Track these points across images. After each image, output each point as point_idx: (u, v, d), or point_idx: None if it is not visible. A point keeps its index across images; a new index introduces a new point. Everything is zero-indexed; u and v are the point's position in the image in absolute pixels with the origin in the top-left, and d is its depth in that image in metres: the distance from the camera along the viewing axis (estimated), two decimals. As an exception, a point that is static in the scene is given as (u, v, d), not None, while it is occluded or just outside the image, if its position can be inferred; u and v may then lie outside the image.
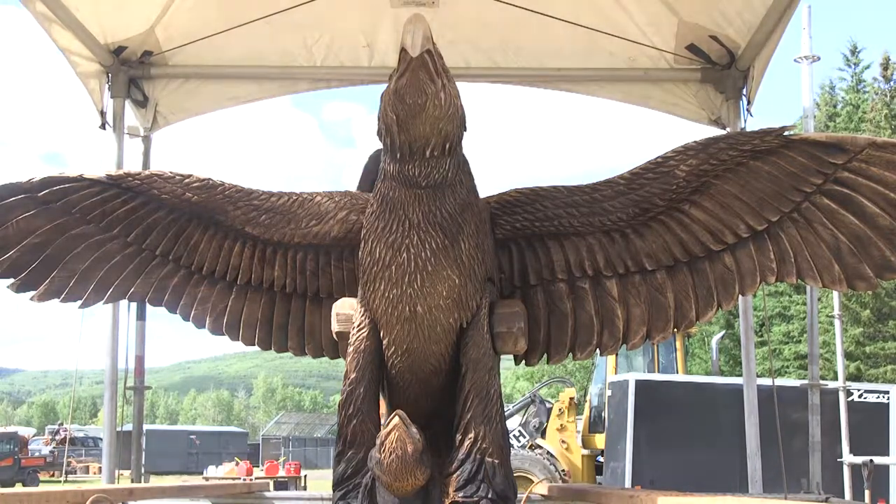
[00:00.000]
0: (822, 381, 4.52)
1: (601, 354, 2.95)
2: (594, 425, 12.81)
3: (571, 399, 13.24)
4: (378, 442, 2.48)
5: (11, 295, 2.93)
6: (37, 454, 30.97)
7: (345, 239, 2.85)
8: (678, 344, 13.06)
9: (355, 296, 2.77)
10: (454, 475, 2.58)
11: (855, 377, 24.55)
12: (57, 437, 32.48)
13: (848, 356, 24.67)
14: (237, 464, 18.13)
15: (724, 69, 4.56)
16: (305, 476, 19.56)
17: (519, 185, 2.88)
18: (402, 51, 2.28)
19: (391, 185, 2.52)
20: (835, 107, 35.55)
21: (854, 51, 35.89)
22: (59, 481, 19.47)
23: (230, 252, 2.99)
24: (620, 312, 2.75)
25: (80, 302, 2.99)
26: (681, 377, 12.32)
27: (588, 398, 13.84)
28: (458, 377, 2.65)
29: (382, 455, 2.44)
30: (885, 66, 31.98)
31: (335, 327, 2.80)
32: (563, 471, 12.03)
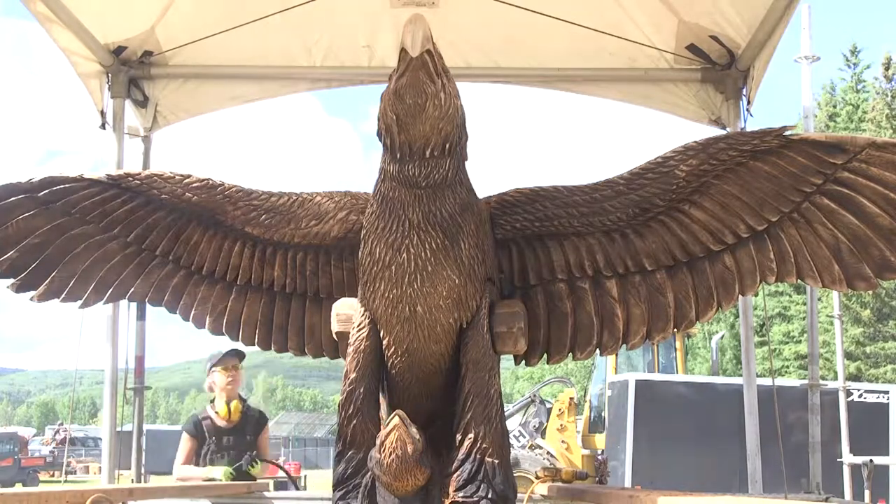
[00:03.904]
0: (822, 381, 4.52)
1: (601, 354, 2.95)
2: (594, 425, 12.83)
3: (571, 399, 13.25)
4: (378, 442, 2.48)
5: (12, 295, 2.93)
6: (37, 454, 30.96)
7: (345, 239, 2.86)
8: (678, 344, 13.08)
9: (355, 296, 2.77)
10: (454, 475, 2.58)
11: (855, 377, 24.58)
12: (57, 437, 32.49)
13: (848, 356, 24.69)
14: (237, 464, 18.03)
15: (724, 69, 4.56)
16: (305, 476, 19.53)
17: (519, 185, 2.87)
18: (402, 51, 2.28)
19: (391, 185, 2.52)
20: (835, 107, 35.57)
21: (854, 51, 35.93)
22: (59, 481, 19.46)
23: (230, 252, 2.99)
24: (620, 312, 2.75)
25: (80, 302, 2.99)
26: (681, 377, 12.33)
27: (588, 398, 13.85)
28: (458, 377, 2.65)
29: (382, 455, 2.44)
30: (887, 65, 32.00)
31: (335, 327, 2.80)
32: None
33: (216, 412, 5.01)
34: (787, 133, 2.51)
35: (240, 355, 5.05)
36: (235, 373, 5.01)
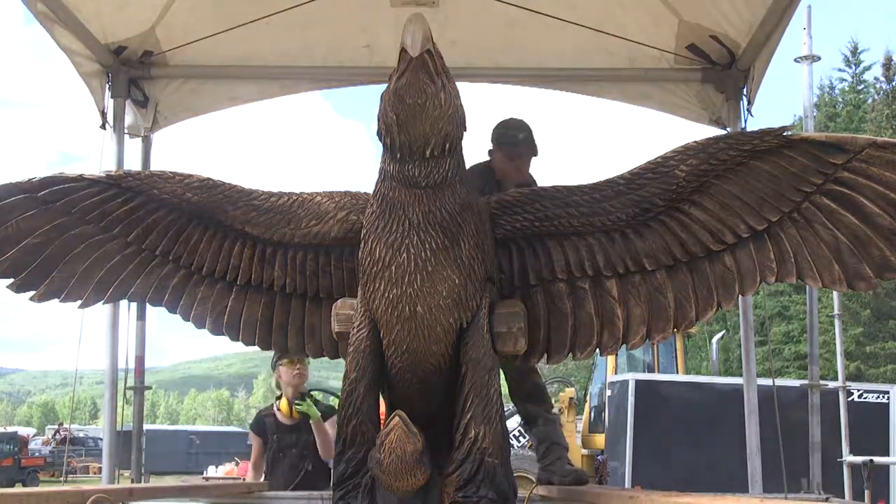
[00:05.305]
0: (822, 381, 4.51)
1: (601, 354, 2.95)
2: (594, 425, 12.82)
3: (571, 399, 13.23)
4: (378, 442, 2.49)
5: (12, 295, 2.93)
6: (37, 454, 30.98)
7: (345, 239, 2.85)
8: (678, 344, 13.07)
9: (355, 296, 2.77)
10: (454, 475, 2.58)
11: (855, 377, 24.56)
12: (57, 437, 32.51)
13: (848, 356, 24.68)
14: (237, 464, 18.08)
15: (724, 69, 4.56)
16: (305, 476, 19.43)
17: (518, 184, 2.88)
18: (402, 51, 2.28)
19: (391, 185, 2.52)
20: (834, 107, 35.60)
21: (854, 51, 35.95)
22: (60, 481, 19.47)
23: (230, 252, 2.99)
24: (620, 312, 2.75)
25: (80, 302, 2.99)
26: (681, 377, 12.32)
27: (588, 398, 13.85)
28: (458, 377, 2.65)
29: (382, 455, 2.45)
30: (888, 66, 32.01)
31: (335, 327, 2.80)
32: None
33: (279, 409, 4.85)
34: (787, 133, 2.51)
35: None
36: (302, 366, 4.82)
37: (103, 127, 4.54)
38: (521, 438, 13.15)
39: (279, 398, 4.94)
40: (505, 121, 4.09)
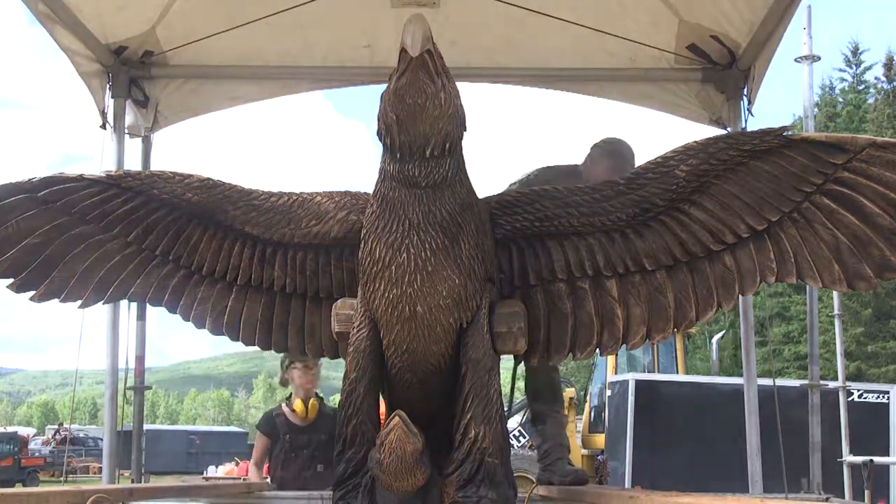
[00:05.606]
0: (822, 381, 4.51)
1: (601, 354, 2.95)
2: (594, 425, 12.84)
3: (571, 399, 13.25)
4: (378, 442, 2.48)
5: (12, 295, 2.93)
6: (37, 454, 31.01)
7: (345, 239, 2.85)
8: (678, 344, 13.08)
9: (355, 296, 2.77)
10: (454, 475, 2.58)
11: (855, 377, 24.57)
12: (57, 437, 32.55)
13: (848, 356, 24.68)
14: (237, 464, 18.08)
15: (724, 69, 4.56)
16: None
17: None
18: (402, 51, 2.28)
19: (391, 185, 2.52)
20: (835, 107, 35.63)
21: (855, 51, 35.97)
22: (60, 481, 19.49)
23: (230, 252, 2.99)
24: (620, 312, 2.75)
25: (80, 302, 2.99)
26: (681, 377, 12.34)
27: (588, 398, 13.86)
28: (458, 377, 2.65)
29: (382, 455, 2.45)
30: (889, 65, 32.00)
31: (335, 327, 2.80)
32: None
33: (293, 409, 4.84)
34: (787, 133, 2.51)
35: None
36: (316, 369, 4.86)
37: (104, 127, 4.54)
38: (521, 438, 13.16)
39: (289, 398, 4.94)
40: (618, 138, 4.07)
